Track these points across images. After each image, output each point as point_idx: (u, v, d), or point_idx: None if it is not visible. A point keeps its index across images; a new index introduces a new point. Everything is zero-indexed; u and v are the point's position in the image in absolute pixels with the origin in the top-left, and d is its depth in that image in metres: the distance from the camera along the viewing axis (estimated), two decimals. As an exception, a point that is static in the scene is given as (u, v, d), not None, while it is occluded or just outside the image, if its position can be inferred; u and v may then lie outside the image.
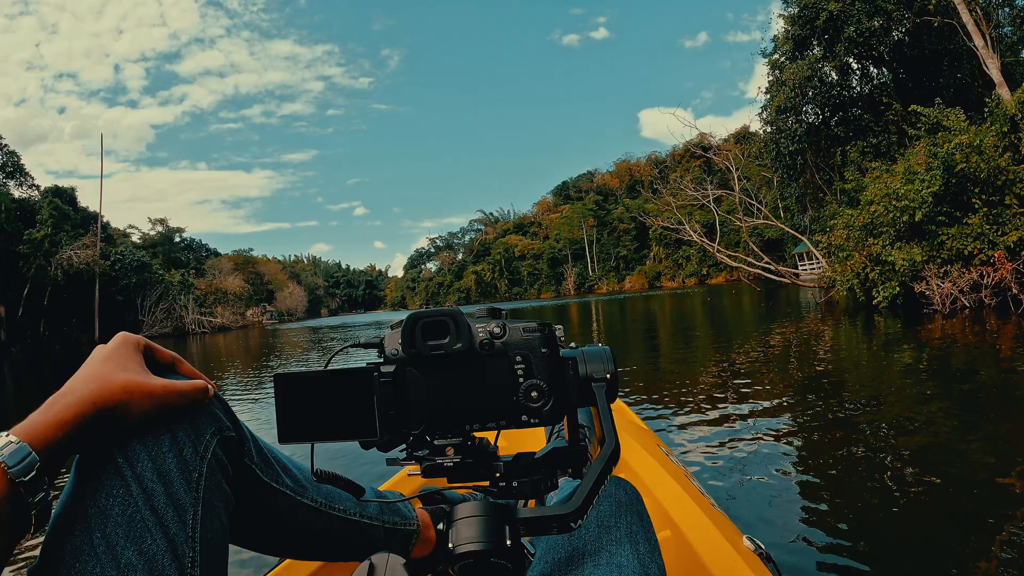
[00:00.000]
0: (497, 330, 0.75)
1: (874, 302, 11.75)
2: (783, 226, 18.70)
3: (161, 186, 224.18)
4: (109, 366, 0.63)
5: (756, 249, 16.61)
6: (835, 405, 4.69)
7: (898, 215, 11.19)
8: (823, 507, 2.72)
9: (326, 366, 0.73)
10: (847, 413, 4.42)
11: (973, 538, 2.30)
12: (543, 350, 0.75)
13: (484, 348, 0.74)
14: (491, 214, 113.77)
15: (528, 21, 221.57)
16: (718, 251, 17.97)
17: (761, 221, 18.03)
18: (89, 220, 44.44)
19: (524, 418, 0.74)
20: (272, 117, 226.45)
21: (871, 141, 21.40)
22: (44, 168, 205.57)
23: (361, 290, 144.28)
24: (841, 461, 3.38)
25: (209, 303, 49.38)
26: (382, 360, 0.76)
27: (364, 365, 0.72)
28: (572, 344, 0.82)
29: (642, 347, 10.79)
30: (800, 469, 3.28)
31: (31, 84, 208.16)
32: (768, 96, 18.84)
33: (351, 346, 0.83)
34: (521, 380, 0.74)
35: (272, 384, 0.71)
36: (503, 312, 0.81)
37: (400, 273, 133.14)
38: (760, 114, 18.62)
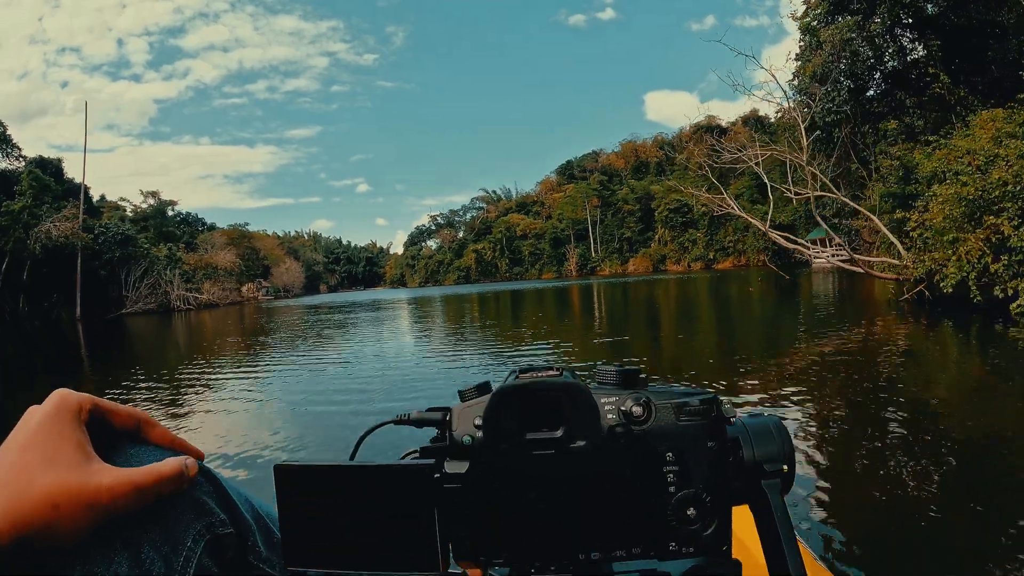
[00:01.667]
0: (638, 410, 0.50)
1: (1013, 307, 8.12)
2: (845, 199, 14.92)
3: (164, 160, 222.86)
4: (28, 459, 0.41)
5: (830, 231, 13.19)
6: (958, 454, 3.14)
7: None
8: None
9: (353, 454, 0.55)
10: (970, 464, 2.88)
11: None
12: (709, 443, 0.50)
13: (617, 439, 0.50)
14: (494, 192, 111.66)
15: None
16: (774, 233, 14.46)
17: (819, 192, 14.05)
18: (76, 192, 42.77)
19: (672, 546, 0.50)
20: (276, 93, 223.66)
21: (904, 120, 19.67)
22: (47, 142, 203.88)
23: (361, 267, 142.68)
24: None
25: (198, 278, 47.75)
26: (446, 444, 0.52)
27: (416, 458, 0.52)
28: (726, 403, 0.55)
29: (655, 357, 9.18)
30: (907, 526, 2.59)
31: (33, 58, 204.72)
32: (799, 63, 16.94)
33: (393, 422, 0.57)
34: (672, 489, 0.50)
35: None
36: (642, 376, 0.54)
37: (401, 251, 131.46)
38: (792, 81, 16.65)
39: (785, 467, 0.51)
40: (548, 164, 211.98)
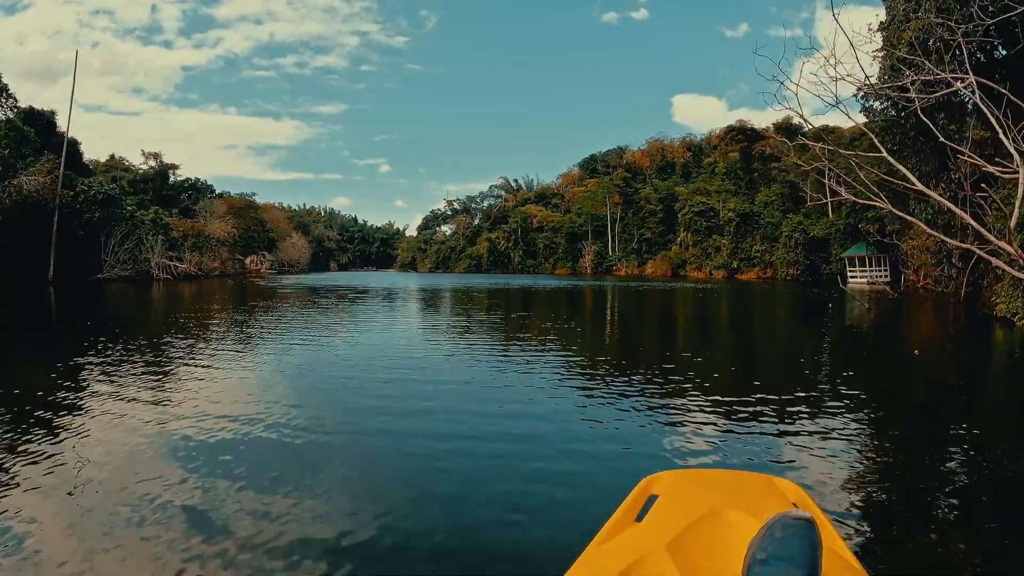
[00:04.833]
0: None
1: None
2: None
3: (190, 128, 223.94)
4: None
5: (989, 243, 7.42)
6: None
7: None
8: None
9: None
10: None
11: None
12: None
13: None
14: (514, 181, 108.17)
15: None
16: (955, 243, 9.58)
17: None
18: (71, 147, 40.36)
19: None
20: (305, 68, 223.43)
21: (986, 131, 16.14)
22: (75, 102, 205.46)
23: (375, 247, 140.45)
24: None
25: (185, 247, 44.96)
26: None
27: None
28: None
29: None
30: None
31: (67, 18, 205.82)
32: (882, 36, 13.43)
33: None
34: None
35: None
36: None
37: (415, 234, 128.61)
38: (876, 57, 12.98)
39: None
40: (570, 157, 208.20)
